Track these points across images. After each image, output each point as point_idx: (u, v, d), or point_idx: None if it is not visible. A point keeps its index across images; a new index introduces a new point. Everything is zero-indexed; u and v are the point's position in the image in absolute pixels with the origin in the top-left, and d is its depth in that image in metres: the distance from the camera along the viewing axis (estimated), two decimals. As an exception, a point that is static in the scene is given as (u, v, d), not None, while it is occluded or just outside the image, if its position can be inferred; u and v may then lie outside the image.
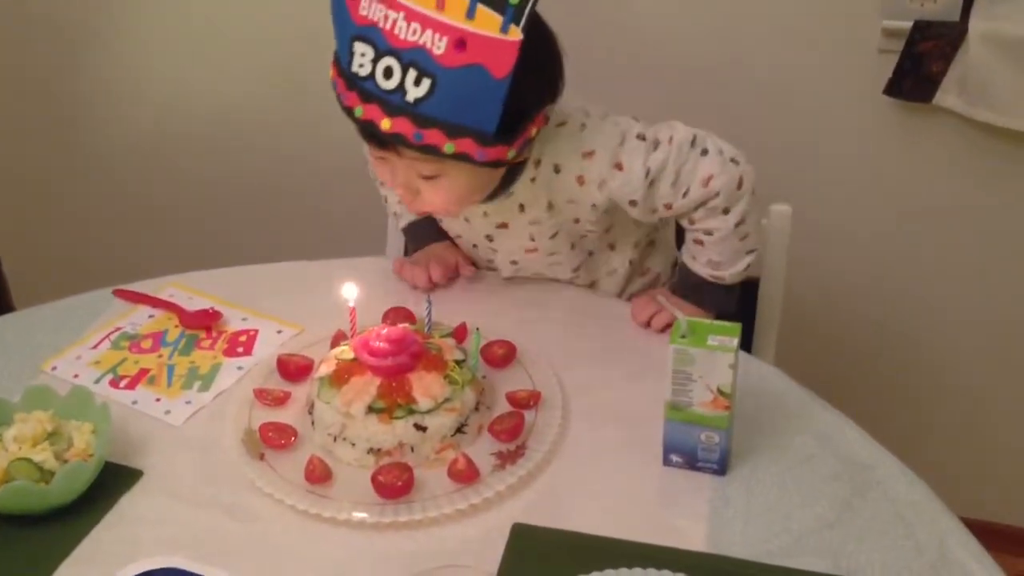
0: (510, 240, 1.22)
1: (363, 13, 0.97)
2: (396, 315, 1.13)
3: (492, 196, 1.14)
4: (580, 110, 1.14)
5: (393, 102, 0.97)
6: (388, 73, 0.96)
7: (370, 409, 0.95)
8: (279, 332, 1.16)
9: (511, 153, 1.03)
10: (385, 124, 0.98)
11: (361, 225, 1.63)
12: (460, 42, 0.93)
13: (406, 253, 1.41)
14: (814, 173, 1.69)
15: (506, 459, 0.95)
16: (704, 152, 1.11)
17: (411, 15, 0.94)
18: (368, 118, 0.99)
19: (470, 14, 0.93)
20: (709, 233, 1.15)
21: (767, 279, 1.33)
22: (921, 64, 1.55)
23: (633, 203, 1.13)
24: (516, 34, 0.92)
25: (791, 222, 1.32)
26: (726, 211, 1.12)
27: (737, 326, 0.91)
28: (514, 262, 1.26)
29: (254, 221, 2.14)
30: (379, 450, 0.95)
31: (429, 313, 1.06)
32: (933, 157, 1.63)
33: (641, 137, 1.11)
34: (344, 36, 1.00)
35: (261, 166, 2.07)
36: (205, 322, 1.17)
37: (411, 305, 1.15)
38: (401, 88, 0.96)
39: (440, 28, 0.93)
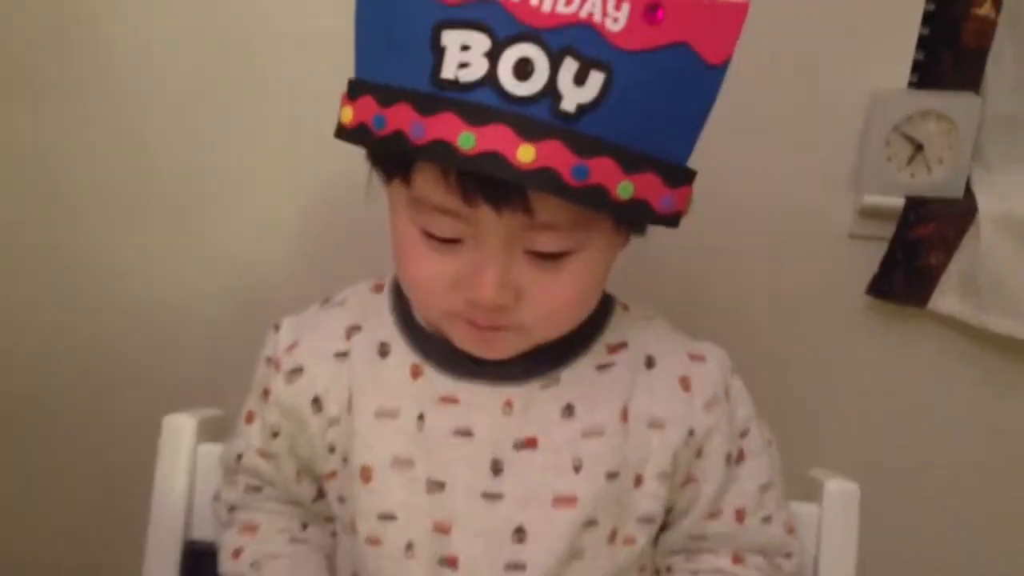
0: (534, 473, 0.72)
1: None
2: None
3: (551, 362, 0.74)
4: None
5: (536, 116, 0.58)
6: (524, 70, 0.57)
7: None
8: None
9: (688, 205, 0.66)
10: (526, 155, 0.57)
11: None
12: (653, 7, 0.58)
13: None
14: (775, 401, 1.21)
15: None
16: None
17: None
18: (488, 149, 0.57)
19: None
20: None
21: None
22: (917, 254, 1.14)
23: (728, 458, 0.76)
24: None
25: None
26: None
27: None
28: (519, 533, 0.71)
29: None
30: None
31: None
32: (925, 379, 1.21)
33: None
34: (413, 28, 0.59)
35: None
36: None
37: None
38: (551, 91, 0.58)
39: None
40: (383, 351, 0.75)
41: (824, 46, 1.10)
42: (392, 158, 0.65)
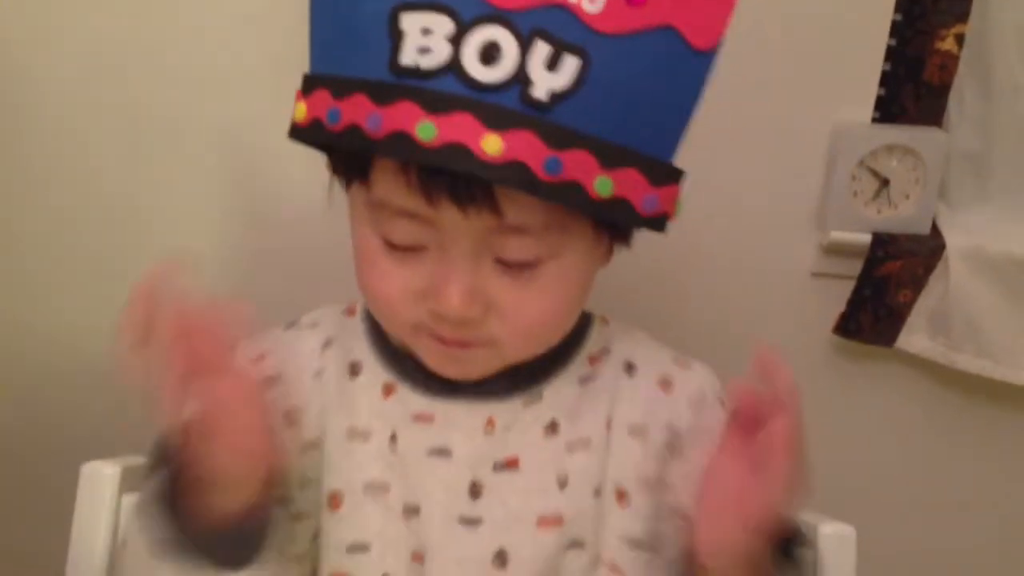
0: (516, 495, 0.67)
1: None
2: None
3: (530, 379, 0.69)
4: None
5: (504, 105, 0.52)
6: (491, 54, 0.52)
7: None
8: None
9: (679, 206, 0.60)
10: (492, 146, 0.51)
11: None
12: None
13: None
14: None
15: None
16: None
17: None
18: (450, 140, 0.52)
19: None
20: None
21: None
22: (885, 292, 1.11)
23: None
24: None
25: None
26: None
27: None
28: (500, 558, 0.65)
29: None
30: None
31: None
32: (894, 420, 1.17)
33: None
34: (370, 12, 0.54)
35: None
36: None
37: None
38: (521, 77, 0.52)
39: None
40: (354, 371, 0.71)
41: (786, 81, 1.07)
42: (350, 157, 0.60)
